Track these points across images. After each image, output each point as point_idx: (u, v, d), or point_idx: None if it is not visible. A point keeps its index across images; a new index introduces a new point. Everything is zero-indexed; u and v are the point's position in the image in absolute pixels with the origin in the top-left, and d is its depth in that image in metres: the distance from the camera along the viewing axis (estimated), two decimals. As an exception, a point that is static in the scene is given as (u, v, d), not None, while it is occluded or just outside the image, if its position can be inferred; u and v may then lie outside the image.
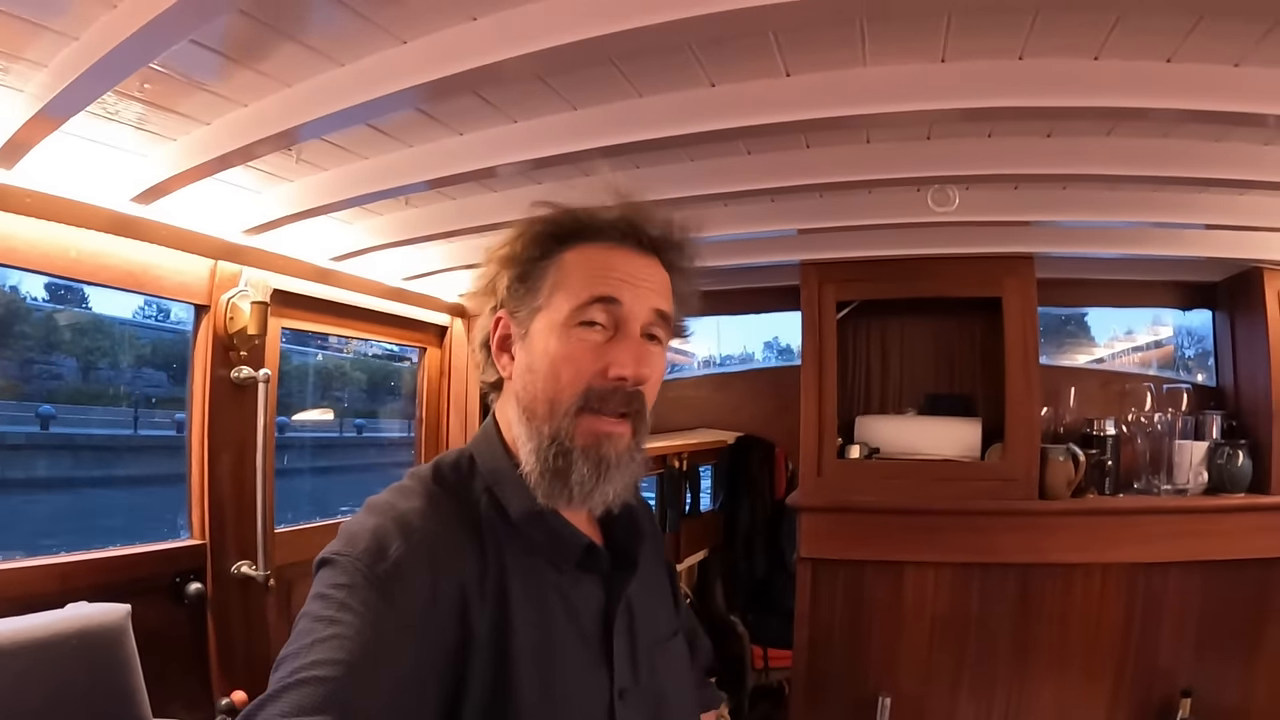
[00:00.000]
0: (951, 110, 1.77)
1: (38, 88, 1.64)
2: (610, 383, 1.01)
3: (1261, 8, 1.32)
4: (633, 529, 1.16)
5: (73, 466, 10.80)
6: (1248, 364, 3.24)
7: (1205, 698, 2.97)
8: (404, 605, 0.88)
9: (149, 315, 12.03)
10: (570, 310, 1.02)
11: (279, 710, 0.76)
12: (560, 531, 1.05)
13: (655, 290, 1.06)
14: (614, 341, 1.02)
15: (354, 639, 0.82)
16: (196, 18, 1.37)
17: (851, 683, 3.19)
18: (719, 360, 5.32)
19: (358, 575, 0.88)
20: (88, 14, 1.44)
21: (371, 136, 2.07)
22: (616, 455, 1.03)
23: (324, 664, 0.79)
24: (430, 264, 3.25)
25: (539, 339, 1.04)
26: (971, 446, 3.22)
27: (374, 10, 1.48)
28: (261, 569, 2.61)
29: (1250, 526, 3.00)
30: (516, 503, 1.04)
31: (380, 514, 0.96)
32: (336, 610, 0.85)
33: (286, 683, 0.78)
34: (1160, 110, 1.70)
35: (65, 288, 9.73)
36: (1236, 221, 2.56)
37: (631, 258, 1.06)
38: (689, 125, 1.87)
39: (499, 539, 1.01)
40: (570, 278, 1.04)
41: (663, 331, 1.08)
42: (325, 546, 0.94)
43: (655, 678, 1.11)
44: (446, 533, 0.97)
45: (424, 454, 3.84)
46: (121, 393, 11.80)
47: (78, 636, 1.78)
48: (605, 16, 1.40)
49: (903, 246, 3.03)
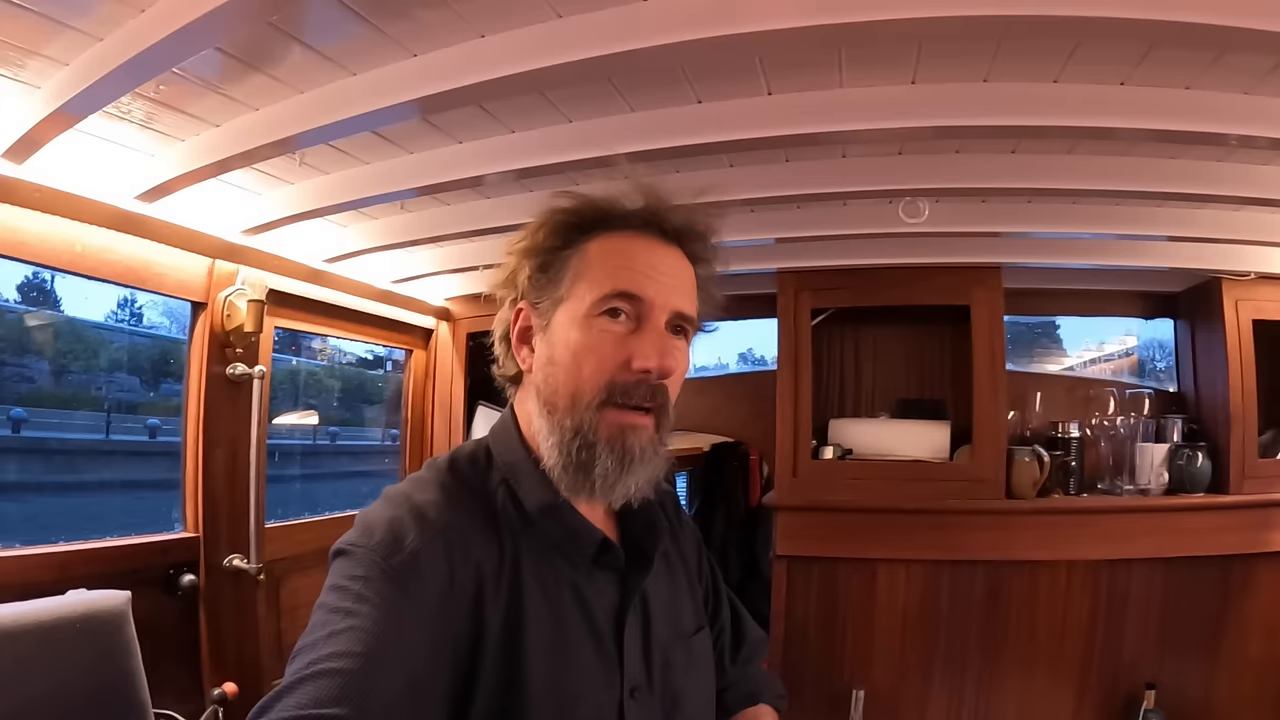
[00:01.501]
0: (922, 128, 1.83)
1: (57, 85, 1.65)
2: (634, 375, 0.99)
3: (1206, 39, 1.38)
4: (652, 526, 1.13)
5: (44, 471, 10.62)
6: (1207, 370, 3.30)
7: (1169, 689, 3.01)
8: (419, 597, 0.88)
9: (121, 319, 11.86)
10: (593, 301, 1.00)
11: (296, 702, 0.76)
12: (576, 526, 1.03)
13: (679, 284, 1.04)
14: (638, 333, 1.00)
15: (370, 631, 0.82)
16: (225, 27, 1.40)
17: (826, 677, 3.23)
18: (694, 369, 5.30)
19: (374, 567, 0.88)
20: (114, 16, 1.46)
21: (373, 142, 2.10)
22: (640, 448, 1.00)
23: (340, 656, 0.80)
24: (419, 267, 3.28)
25: (560, 330, 1.02)
26: (941, 448, 3.26)
27: (388, 23, 1.53)
28: (253, 562, 2.62)
29: (1210, 525, 3.05)
30: (533, 496, 1.03)
31: (396, 505, 0.95)
32: (353, 602, 0.85)
33: (303, 674, 0.79)
34: (1117, 129, 1.77)
35: (35, 289, 9.59)
36: (1196, 234, 2.62)
37: (655, 247, 1.04)
38: (676, 139, 1.92)
39: (514, 532, 1.00)
40: (593, 268, 1.02)
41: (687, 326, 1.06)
42: (341, 536, 0.94)
43: (670, 676, 1.09)
44: (462, 525, 0.96)
45: (409, 456, 3.85)
46: (94, 397, 11.61)
47: (81, 621, 1.78)
48: (604, 39, 1.46)
49: (876, 256, 3.07)
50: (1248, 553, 3.07)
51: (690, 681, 1.13)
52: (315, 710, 0.75)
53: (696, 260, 1.09)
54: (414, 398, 3.86)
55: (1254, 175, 2.18)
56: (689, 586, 1.25)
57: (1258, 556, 3.08)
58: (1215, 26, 1.30)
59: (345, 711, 0.76)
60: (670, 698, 1.08)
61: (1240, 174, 2.18)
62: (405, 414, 3.84)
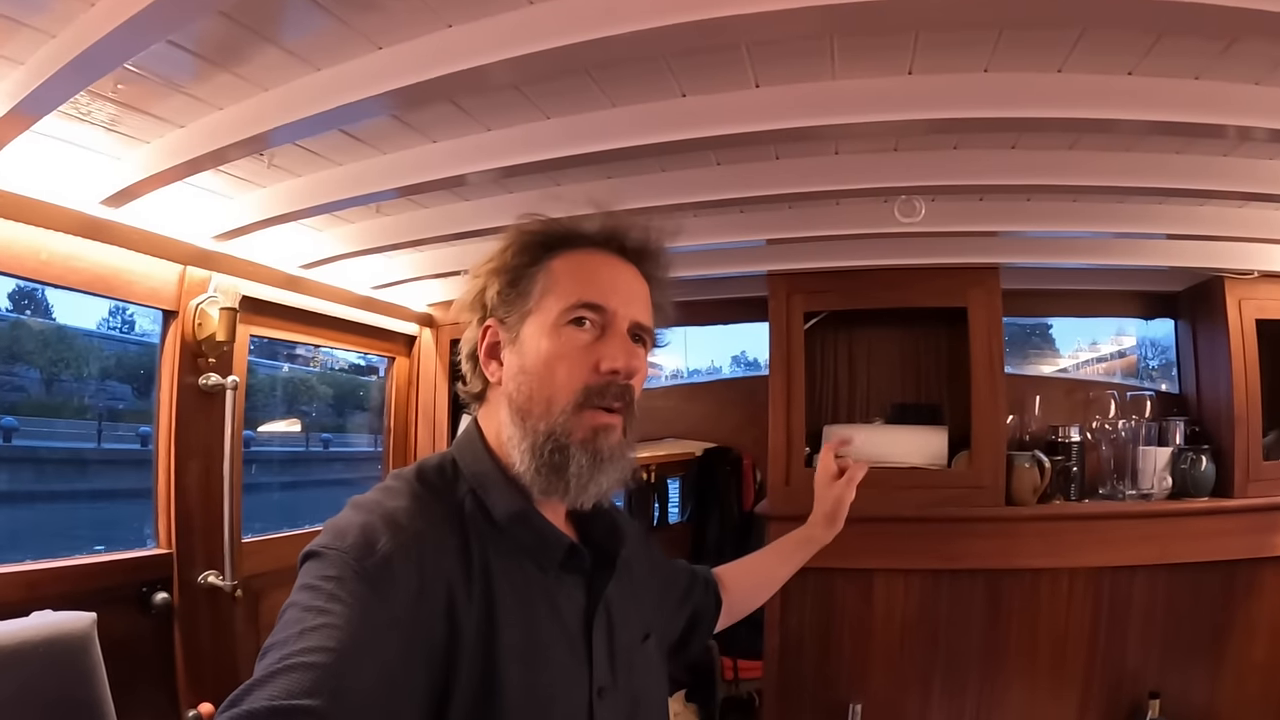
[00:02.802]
0: (918, 121, 1.79)
1: (11, 85, 1.62)
2: (603, 377, 1.06)
3: (1219, 25, 1.35)
4: (613, 529, 1.19)
5: (35, 480, 10.61)
6: (1209, 371, 3.28)
7: (1174, 698, 2.99)
8: (392, 599, 0.89)
9: (114, 326, 11.86)
10: (560, 311, 1.07)
11: (268, 694, 0.76)
12: (544, 532, 1.08)
13: (636, 298, 1.13)
14: (603, 340, 1.08)
15: (344, 628, 0.83)
16: (174, 19, 1.36)
17: (822, 690, 3.19)
18: (686, 374, 5.31)
19: (346, 568, 0.89)
20: (68, 11, 1.43)
21: (344, 143, 2.06)
22: (610, 448, 1.07)
23: (314, 651, 0.80)
24: (400, 273, 3.24)
25: (530, 341, 1.09)
26: (938, 454, 3.22)
27: (352, 15, 1.49)
28: (229, 579, 2.58)
29: (1214, 530, 3.03)
30: (502, 504, 1.06)
31: (367, 511, 0.97)
32: (325, 601, 0.86)
33: (275, 668, 0.78)
34: (1123, 121, 1.73)
35: (28, 297, 9.57)
36: (1198, 231, 2.59)
37: (615, 264, 1.14)
38: (660, 134, 1.88)
39: (483, 540, 1.03)
40: (559, 282, 1.10)
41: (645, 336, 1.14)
42: (311, 541, 0.96)
43: (633, 677, 1.14)
44: (433, 532, 0.99)
45: (392, 464, 3.80)
46: (85, 405, 11.61)
47: (44, 644, 1.75)
48: (579, 26, 1.41)
49: (870, 257, 3.04)
50: (1253, 557, 3.05)
51: (651, 683, 1.21)
52: (288, 701, 0.76)
53: (650, 278, 1.19)
54: (397, 406, 3.82)
55: (1260, 170, 2.15)
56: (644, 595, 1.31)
57: (1263, 561, 3.05)
58: (1230, 9, 1.25)
59: (318, 704, 0.76)
60: (633, 698, 1.14)
61: (1246, 168, 2.15)
62: (388, 422, 3.81)
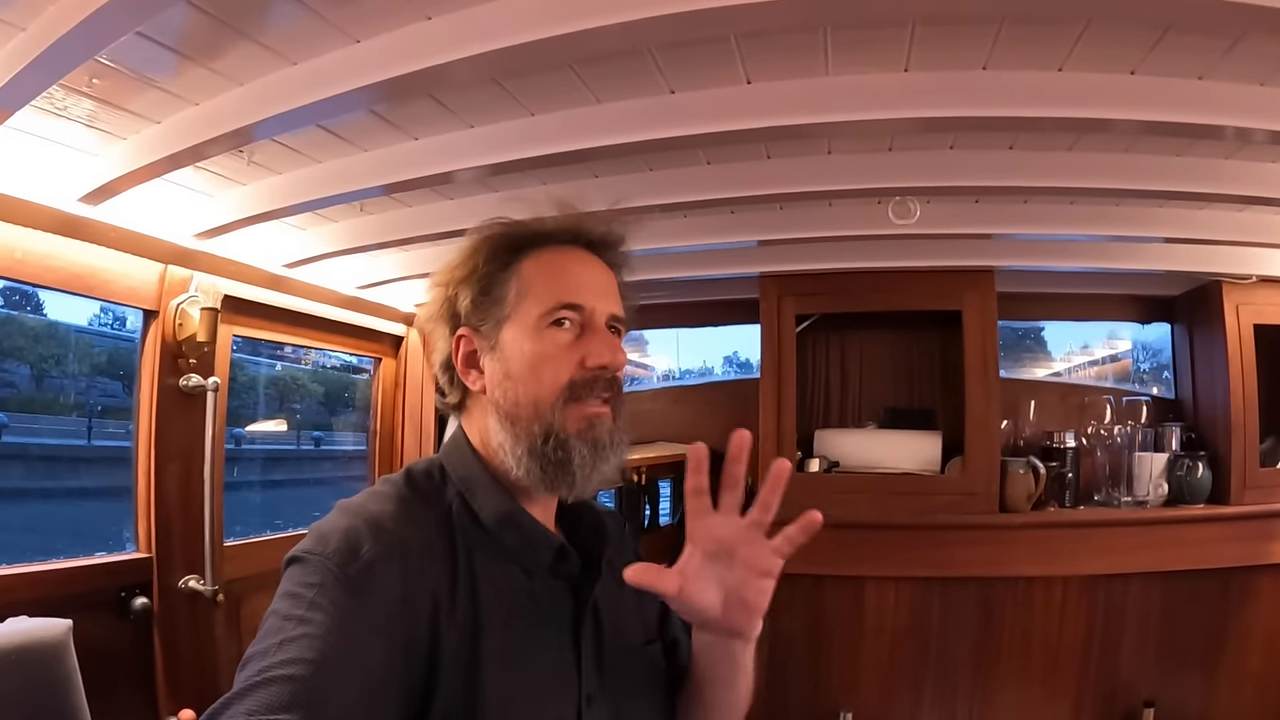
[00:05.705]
0: (914, 120, 1.77)
1: None
2: (590, 372, 1.06)
3: (1226, 22, 1.33)
4: (598, 530, 1.18)
5: (24, 477, 10.56)
6: (1206, 376, 3.27)
7: (1168, 707, 2.99)
8: (375, 606, 0.88)
9: (105, 323, 11.82)
10: (539, 314, 1.06)
11: (246, 708, 0.76)
12: (533, 533, 1.07)
13: (608, 290, 1.13)
14: (585, 337, 1.07)
15: (324, 638, 0.82)
16: (142, 9, 1.33)
17: (812, 698, 3.17)
18: (678, 374, 5.29)
19: (329, 574, 0.88)
20: (36, 3, 1.40)
21: (325, 139, 2.03)
22: (607, 435, 1.06)
23: (293, 663, 0.79)
24: (385, 272, 3.20)
25: (512, 345, 1.08)
26: (931, 460, 3.21)
27: (329, 8, 1.46)
28: (209, 584, 2.54)
29: (1210, 537, 3.02)
30: (489, 507, 1.06)
31: (352, 515, 0.96)
32: (306, 609, 0.85)
33: (254, 681, 0.78)
34: (1123, 121, 1.71)
35: (18, 293, 9.53)
36: (1196, 235, 2.58)
37: (584, 259, 1.13)
38: (648, 132, 1.85)
39: (470, 543, 1.02)
40: (533, 285, 1.09)
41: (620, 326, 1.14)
42: (295, 545, 0.94)
43: (622, 684, 1.12)
44: (419, 536, 0.98)
45: (378, 466, 3.79)
46: (75, 402, 11.56)
47: (16, 652, 1.71)
48: (561, 17, 1.38)
49: (863, 259, 3.02)
50: (1249, 565, 3.04)
51: (642, 689, 1.17)
52: (266, 715, 0.75)
53: (615, 267, 1.18)
54: (383, 407, 3.79)
55: (1259, 173, 2.13)
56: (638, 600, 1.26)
57: (1259, 568, 3.05)
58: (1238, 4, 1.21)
59: (297, 717, 0.76)
60: (622, 705, 1.11)
61: (1244, 172, 2.13)
62: (374, 424, 3.77)
